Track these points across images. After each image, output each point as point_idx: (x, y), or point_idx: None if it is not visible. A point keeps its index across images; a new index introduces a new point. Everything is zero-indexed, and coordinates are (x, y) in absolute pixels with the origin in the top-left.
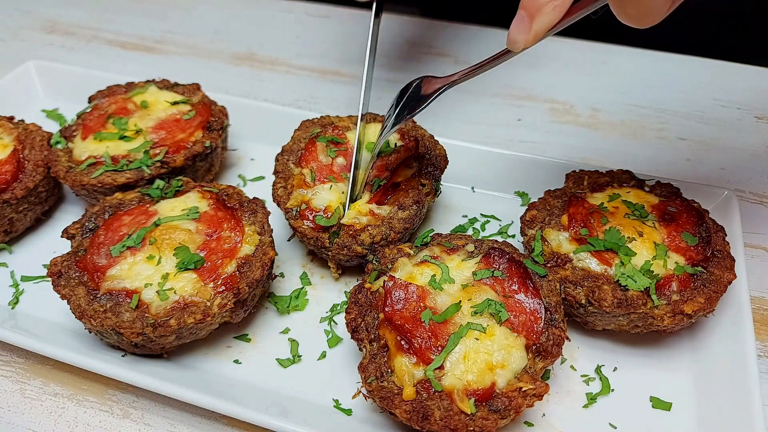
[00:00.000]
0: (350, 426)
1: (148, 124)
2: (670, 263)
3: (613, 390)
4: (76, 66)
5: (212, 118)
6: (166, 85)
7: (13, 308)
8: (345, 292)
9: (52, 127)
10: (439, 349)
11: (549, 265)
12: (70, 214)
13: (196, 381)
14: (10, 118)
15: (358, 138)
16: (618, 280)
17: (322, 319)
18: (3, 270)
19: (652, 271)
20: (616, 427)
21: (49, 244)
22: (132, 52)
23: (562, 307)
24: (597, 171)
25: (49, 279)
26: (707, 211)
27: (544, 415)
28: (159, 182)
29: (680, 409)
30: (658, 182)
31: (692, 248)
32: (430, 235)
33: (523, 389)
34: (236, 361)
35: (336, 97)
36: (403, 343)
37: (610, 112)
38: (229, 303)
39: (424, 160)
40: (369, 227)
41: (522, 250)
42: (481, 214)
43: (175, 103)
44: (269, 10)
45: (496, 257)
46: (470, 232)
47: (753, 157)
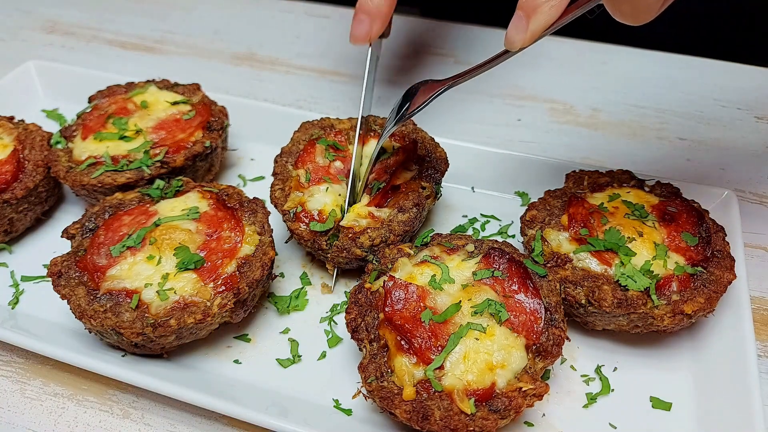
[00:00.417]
0: (350, 426)
1: (148, 124)
2: (670, 263)
3: (613, 390)
4: (76, 66)
5: (212, 118)
6: (166, 85)
7: (13, 308)
8: (345, 292)
9: (52, 127)
10: (439, 349)
11: (549, 265)
12: (70, 214)
13: (196, 381)
14: (10, 118)
15: (358, 137)
16: (618, 280)
17: (322, 319)
18: (3, 270)
19: (652, 271)
20: (616, 427)
21: (49, 244)
22: (132, 52)
23: (562, 307)
24: (597, 171)
25: (49, 279)
26: (707, 211)
27: (544, 415)
28: (159, 182)
29: (680, 409)
30: (658, 182)
31: (692, 248)
32: (430, 235)
33: (523, 389)
34: (236, 361)
35: (336, 97)
36: (403, 343)
37: (610, 112)
38: (229, 303)
39: (425, 163)
40: (368, 230)
41: (522, 250)
42: (481, 214)
43: (175, 103)
44: (269, 10)
45: (496, 257)
46: (470, 232)
47: (753, 157)
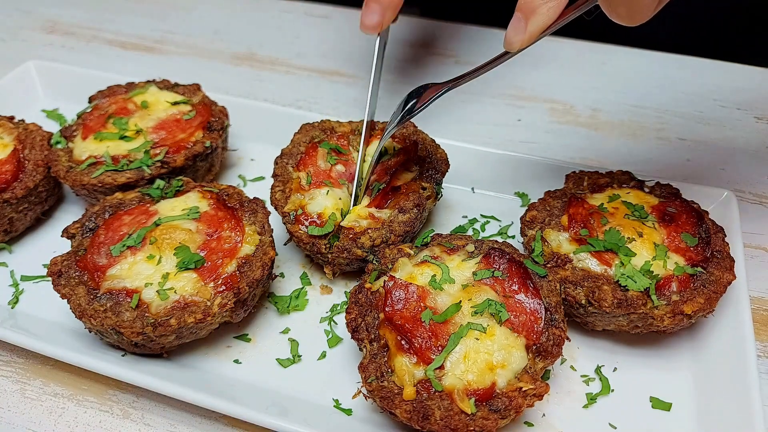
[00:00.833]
0: (350, 426)
1: (149, 124)
2: (670, 264)
3: (613, 390)
4: (76, 66)
5: (212, 119)
6: (166, 86)
7: (13, 308)
8: (345, 292)
9: (52, 127)
10: (440, 349)
11: (549, 266)
12: (70, 214)
13: (196, 381)
14: (10, 118)
15: (363, 139)
16: (618, 281)
17: (322, 319)
18: (3, 270)
19: (652, 272)
20: (616, 427)
21: (49, 243)
22: (132, 52)
23: (562, 308)
24: (597, 172)
25: (49, 278)
26: (707, 212)
27: (544, 415)
28: (159, 182)
29: (680, 409)
30: (658, 183)
31: (692, 249)
32: (431, 235)
33: (524, 389)
34: (236, 361)
35: (336, 98)
36: (403, 343)
37: (610, 113)
38: (230, 303)
39: (425, 164)
40: (369, 230)
41: (522, 251)
42: (481, 215)
43: (176, 104)
44: (269, 10)
45: (496, 257)
46: (470, 233)
47: (753, 157)
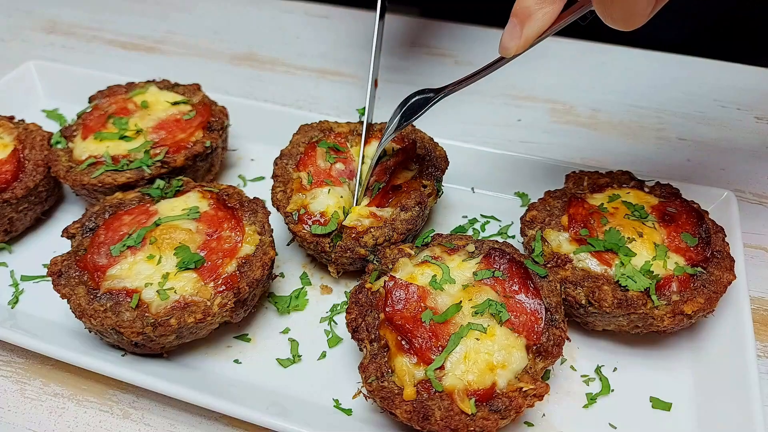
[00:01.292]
0: (350, 426)
1: (149, 124)
2: (670, 264)
3: (613, 390)
4: (76, 66)
5: (212, 119)
6: (166, 86)
7: (13, 308)
8: (345, 292)
9: (52, 127)
10: (440, 349)
11: (549, 266)
12: (70, 214)
13: (196, 381)
14: (10, 118)
15: (363, 140)
16: (618, 281)
17: (322, 319)
18: (3, 269)
19: (652, 272)
20: (616, 428)
21: (49, 243)
22: (132, 52)
23: (563, 308)
24: (597, 172)
25: (49, 278)
26: (707, 212)
27: (544, 415)
28: (159, 182)
29: (680, 409)
30: (658, 183)
31: (692, 249)
32: (431, 235)
33: (524, 389)
34: (236, 361)
35: (336, 98)
36: (403, 343)
37: (610, 113)
38: (230, 302)
39: (425, 162)
40: (372, 229)
41: (522, 251)
42: (481, 215)
43: (176, 104)
44: (269, 10)
45: (496, 258)
46: (470, 233)
47: (753, 157)
